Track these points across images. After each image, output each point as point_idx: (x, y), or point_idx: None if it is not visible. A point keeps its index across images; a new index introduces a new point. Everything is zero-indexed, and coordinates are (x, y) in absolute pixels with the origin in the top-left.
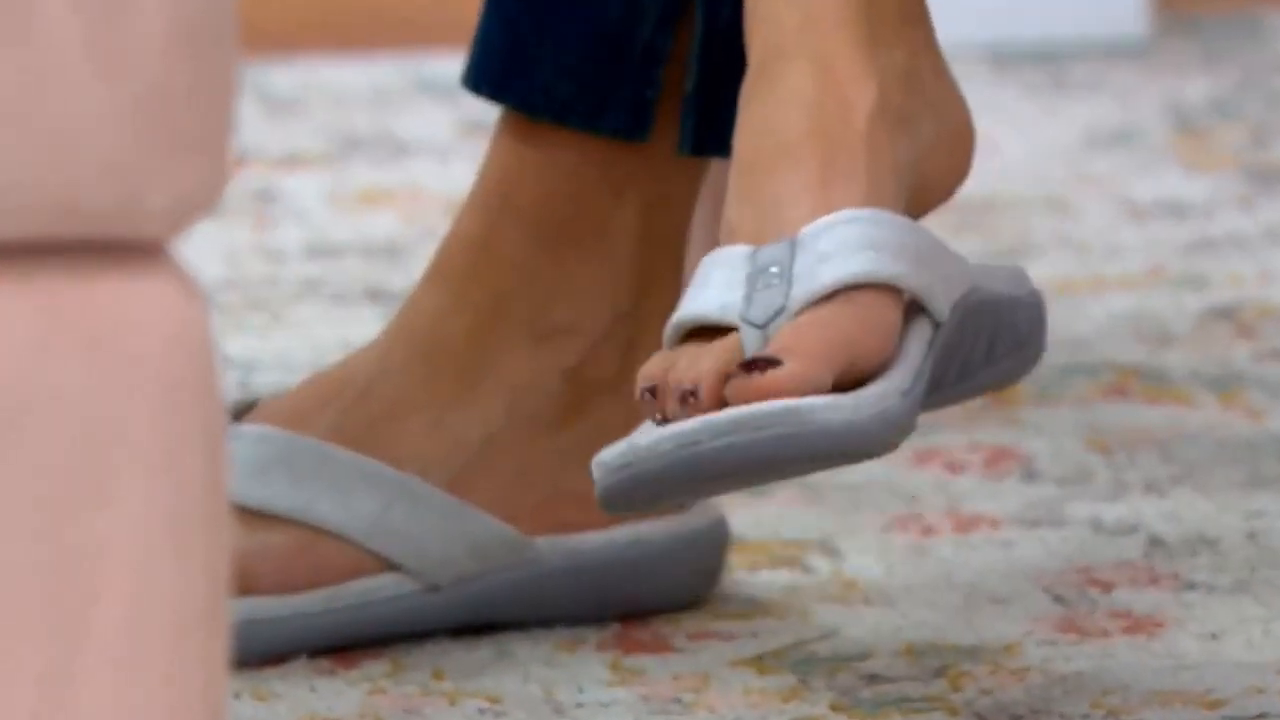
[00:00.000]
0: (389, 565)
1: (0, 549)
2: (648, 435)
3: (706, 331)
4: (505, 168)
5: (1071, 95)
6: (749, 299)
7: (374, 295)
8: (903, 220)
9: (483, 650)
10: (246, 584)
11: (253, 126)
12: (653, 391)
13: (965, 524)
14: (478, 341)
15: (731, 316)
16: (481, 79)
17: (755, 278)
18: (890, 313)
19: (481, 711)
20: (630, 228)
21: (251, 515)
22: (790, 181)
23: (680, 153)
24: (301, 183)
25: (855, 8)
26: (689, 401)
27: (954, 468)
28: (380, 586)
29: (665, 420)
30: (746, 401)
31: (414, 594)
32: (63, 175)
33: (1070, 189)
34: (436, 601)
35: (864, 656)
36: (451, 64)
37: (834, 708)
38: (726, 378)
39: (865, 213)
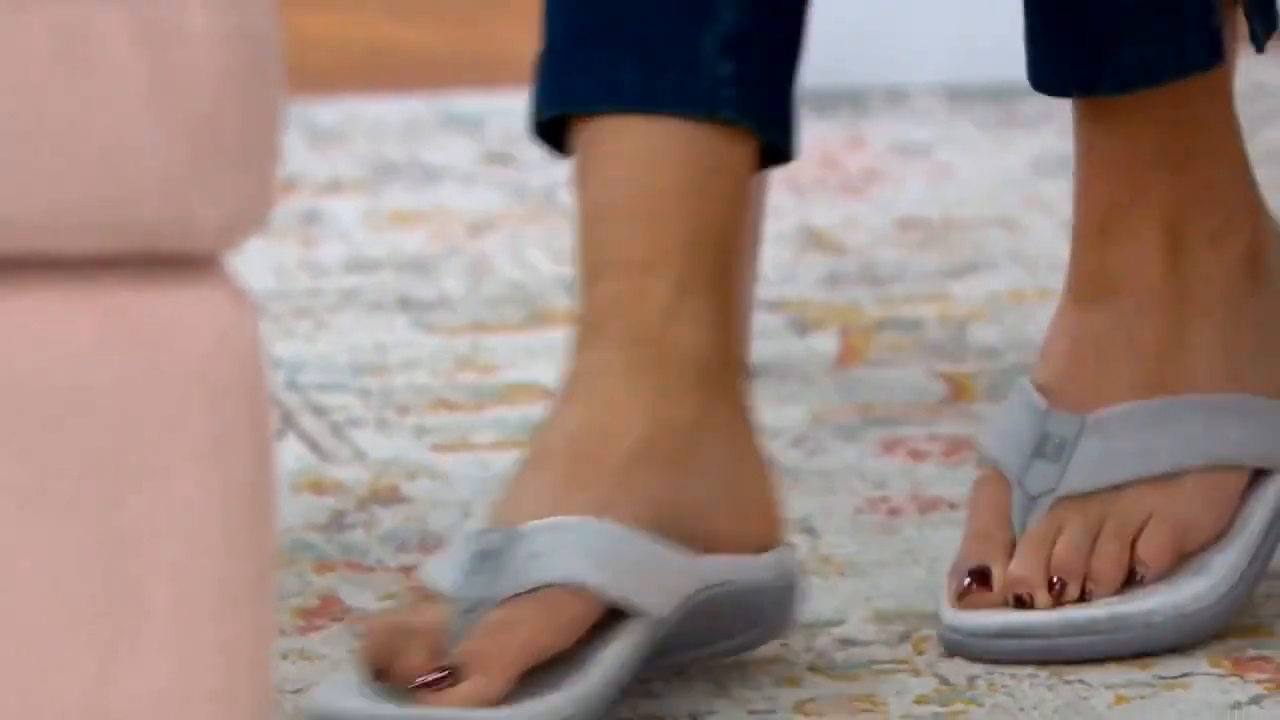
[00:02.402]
0: None
1: (64, 525)
2: (351, 705)
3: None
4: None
5: (1020, 129)
6: (469, 579)
7: (405, 304)
8: (622, 533)
9: None
10: None
11: (300, 156)
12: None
13: (927, 505)
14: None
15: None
16: None
17: (478, 558)
18: (579, 612)
19: None
20: None
21: None
22: (536, 480)
23: (1253, 46)
24: (342, 205)
25: (648, 355)
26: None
27: (917, 456)
28: None
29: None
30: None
31: None
32: (125, 194)
33: (1019, 211)
34: None
35: (838, 623)
36: (473, 101)
37: (811, 669)
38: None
39: (588, 522)
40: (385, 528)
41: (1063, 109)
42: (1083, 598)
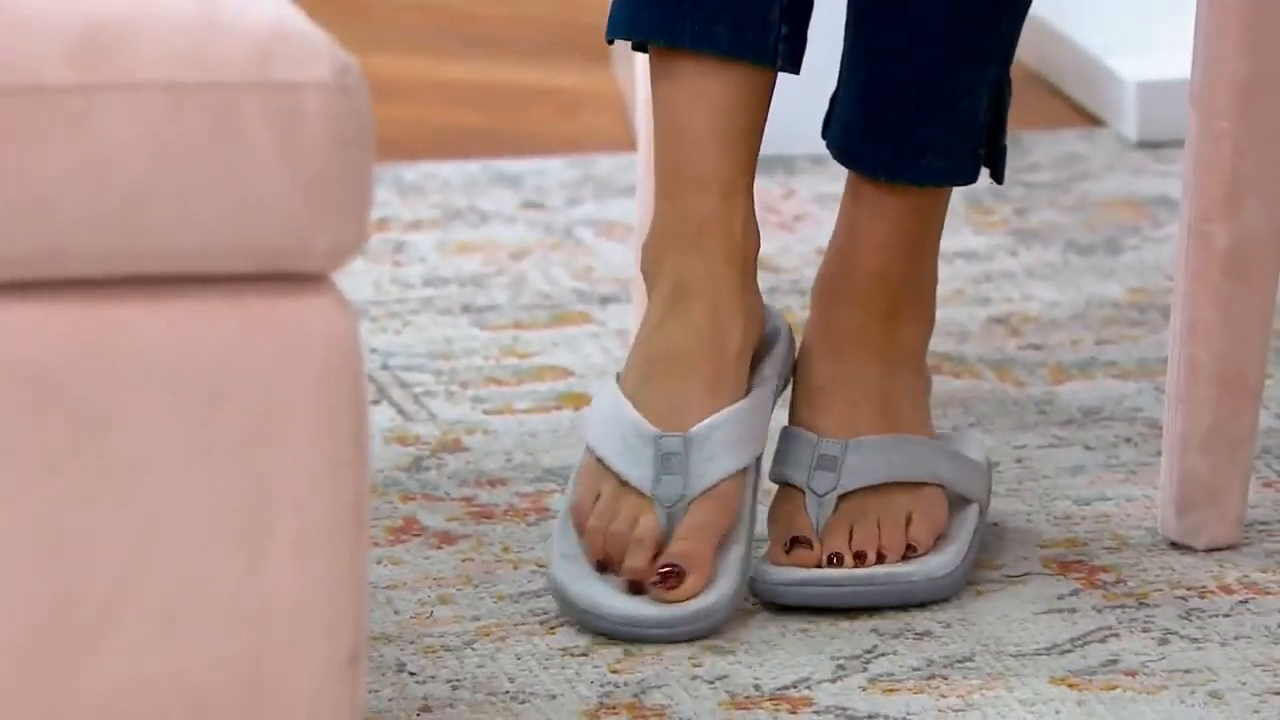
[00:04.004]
0: None
1: (219, 469)
2: (610, 603)
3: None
4: None
5: None
6: (658, 480)
7: (466, 309)
8: (747, 411)
9: (534, 531)
10: None
11: (391, 203)
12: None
13: None
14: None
15: (645, 490)
16: None
17: (660, 460)
18: (741, 490)
19: (534, 573)
20: None
21: None
22: (686, 390)
23: (994, 180)
24: (421, 238)
25: (737, 260)
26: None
27: None
28: None
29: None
30: (665, 601)
31: None
32: (260, 230)
33: None
34: None
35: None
36: (514, 165)
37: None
38: (653, 553)
39: (732, 414)
40: (451, 469)
41: None
42: (878, 564)
